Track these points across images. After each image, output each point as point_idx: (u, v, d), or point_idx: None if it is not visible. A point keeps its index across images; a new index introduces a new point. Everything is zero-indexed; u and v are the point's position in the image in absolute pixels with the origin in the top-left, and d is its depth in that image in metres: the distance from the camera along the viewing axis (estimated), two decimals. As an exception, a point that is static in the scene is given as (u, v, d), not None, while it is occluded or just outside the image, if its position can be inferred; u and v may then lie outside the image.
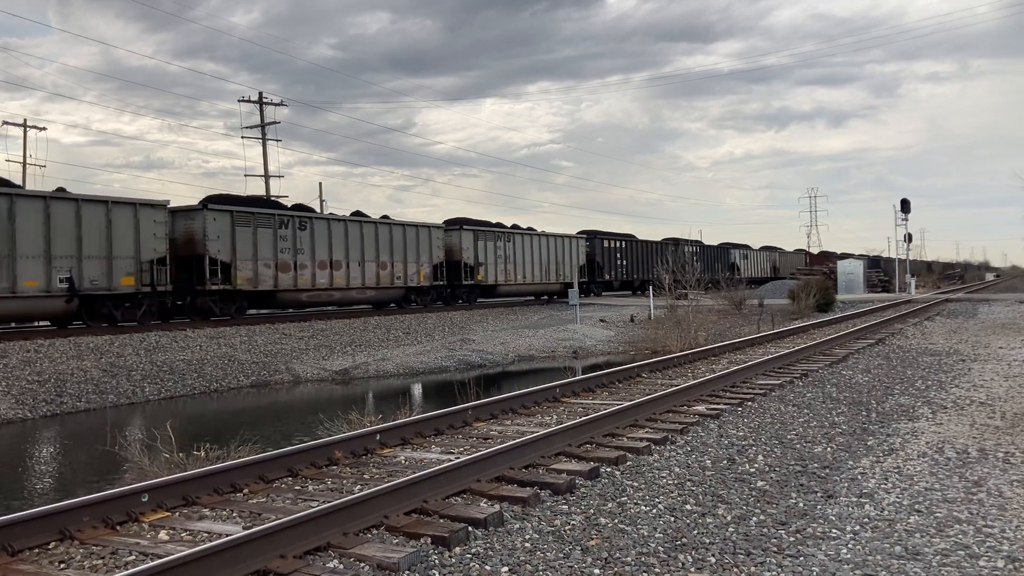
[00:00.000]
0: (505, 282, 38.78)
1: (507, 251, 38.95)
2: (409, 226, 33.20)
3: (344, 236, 29.85)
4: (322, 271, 28.74)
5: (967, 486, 6.50)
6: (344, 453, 7.37)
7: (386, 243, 31.69)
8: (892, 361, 14.75)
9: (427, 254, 33.69)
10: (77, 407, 16.50)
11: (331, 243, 29.18)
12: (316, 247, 28.55)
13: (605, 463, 7.03)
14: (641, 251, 50.80)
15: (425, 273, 33.58)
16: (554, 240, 42.90)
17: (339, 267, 29.46)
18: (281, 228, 27.41)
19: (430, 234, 34.18)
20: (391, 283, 31.86)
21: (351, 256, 29.98)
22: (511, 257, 39.20)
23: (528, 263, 40.50)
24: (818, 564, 4.85)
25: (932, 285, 66.60)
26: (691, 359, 15.01)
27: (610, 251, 47.57)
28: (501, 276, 38.41)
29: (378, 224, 31.79)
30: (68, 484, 10.84)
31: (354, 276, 30.06)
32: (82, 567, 4.81)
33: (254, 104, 47.00)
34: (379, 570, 4.61)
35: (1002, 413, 9.56)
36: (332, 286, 29.23)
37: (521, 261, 39.92)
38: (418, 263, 33.15)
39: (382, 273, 31.41)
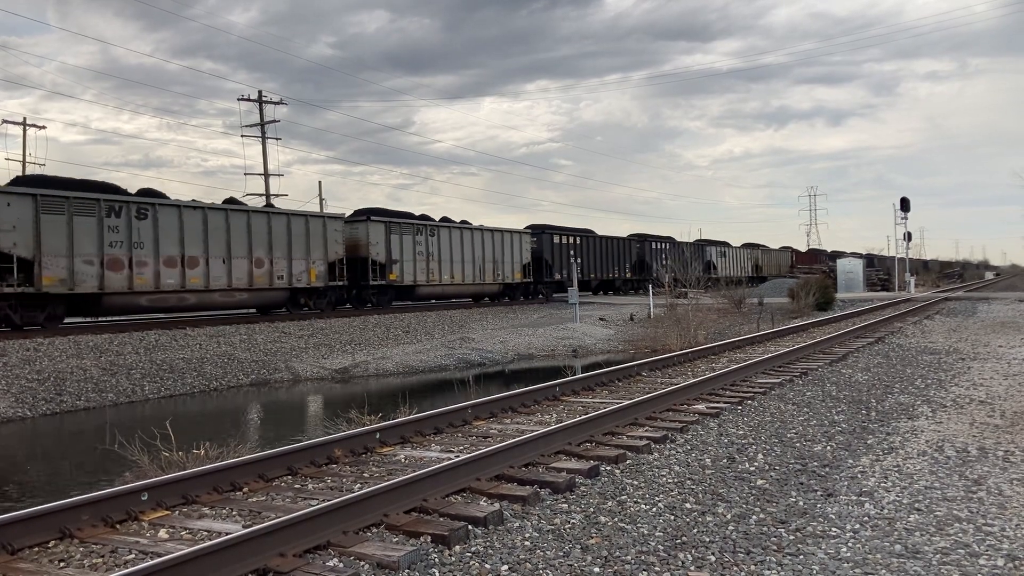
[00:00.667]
0: (427, 282, 33.69)
1: (430, 247, 33.80)
2: (296, 216, 28.53)
3: (202, 227, 24.69)
4: (170, 269, 23.64)
5: (967, 485, 6.50)
6: (344, 452, 7.37)
7: (263, 236, 26.61)
8: (892, 360, 14.76)
9: (321, 250, 28.72)
10: (77, 406, 16.49)
11: (183, 235, 24.01)
12: (161, 240, 23.39)
13: (605, 462, 7.03)
14: (600, 248, 46.82)
15: (318, 272, 28.66)
16: (492, 235, 38.00)
17: (195, 264, 24.35)
18: (110, 217, 22.31)
19: (325, 226, 29.20)
20: (270, 283, 26.84)
21: (213, 252, 24.83)
22: (435, 254, 34.09)
23: (458, 261, 35.39)
24: (818, 563, 4.85)
25: (931, 284, 66.62)
26: (691, 357, 15.01)
27: (562, 248, 42.84)
28: (422, 276, 33.25)
29: (251, 213, 26.81)
30: (67, 483, 10.84)
31: (217, 276, 25.01)
32: (82, 566, 4.81)
33: (253, 103, 46.99)
34: (379, 569, 4.60)
35: (1002, 412, 9.56)
36: (185, 287, 24.14)
37: (449, 259, 34.79)
38: (308, 260, 28.22)
39: (257, 272, 26.30)
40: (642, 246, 51.61)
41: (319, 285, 28.90)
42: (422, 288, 33.77)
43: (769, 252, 72.87)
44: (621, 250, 48.80)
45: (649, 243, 52.55)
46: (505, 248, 38.86)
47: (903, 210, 50.49)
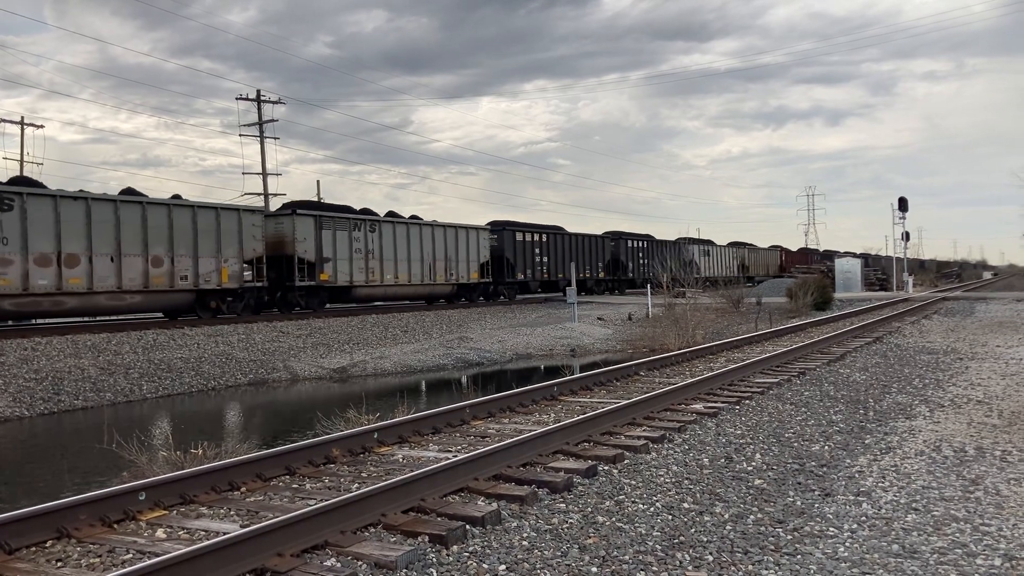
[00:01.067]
0: (366, 283, 30.53)
1: (370, 244, 30.67)
2: (203, 208, 25.23)
3: (85, 221, 21.62)
4: (42, 269, 20.59)
5: (964, 484, 6.51)
6: (342, 451, 7.36)
7: (162, 231, 23.51)
8: (890, 359, 14.77)
9: (235, 247, 25.64)
10: (74, 405, 16.49)
11: (60, 230, 21.01)
12: (31, 235, 20.35)
13: (603, 461, 7.03)
14: (570, 246, 43.79)
15: (232, 272, 25.58)
16: (444, 231, 34.85)
17: (75, 263, 21.32)
18: None
19: (240, 220, 25.96)
20: (171, 285, 23.82)
21: (98, 248, 21.86)
22: (377, 252, 30.93)
23: (404, 260, 32.21)
24: (815, 562, 4.86)
25: (929, 283, 66.68)
26: (689, 357, 15.02)
27: (525, 246, 40.03)
28: (360, 275, 30.13)
29: (147, 205, 23.48)
30: (65, 482, 10.83)
31: (103, 276, 21.98)
32: (79, 565, 4.81)
33: (252, 102, 46.93)
34: (377, 568, 4.60)
35: (999, 411, 9.57)
36: (62, 290, 21.05)
37: (393, 257, 31.65)
38: (219, 258, 25.05)
39: (155, 272, 23.30)
40: (616, 244, 49.14)
41: (232, 286, 25.72)
42: (360, 289, 30.61)
43: (757, 251, 70.07)
44: (593, 248, 46.23)
45: (624, 241, 50.09)
46: (460, 246, 35.63)
47: (901, 210, 50.54)
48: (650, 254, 51.22)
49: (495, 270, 38.25)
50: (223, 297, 25.81)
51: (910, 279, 50.67)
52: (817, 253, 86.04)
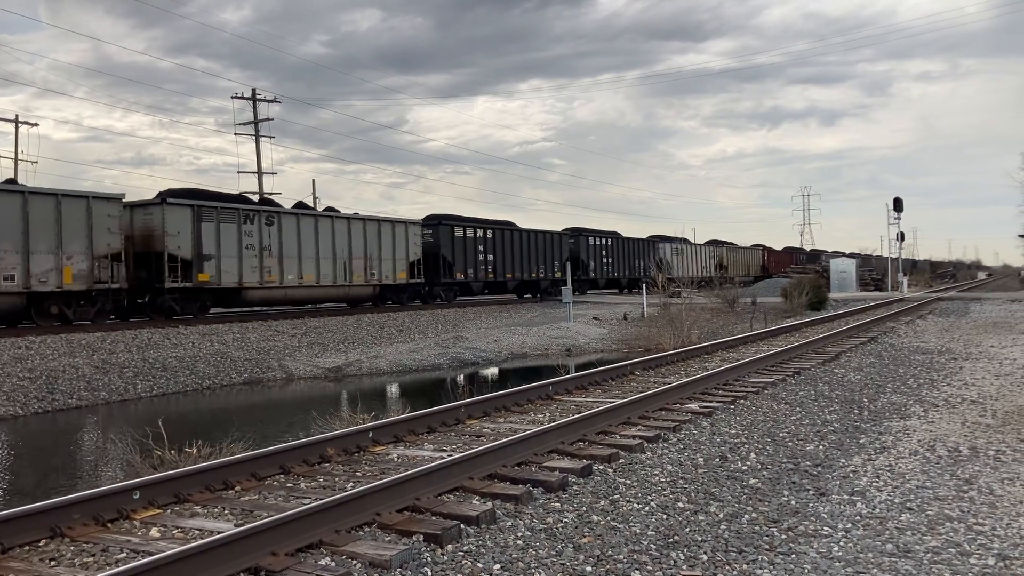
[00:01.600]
0: (261, 284, 26.44)
1: (266, 239, 26.60)
2: (38, 195, 21.16)
3: None
4: None
5: (958, 484, 6.52)
6: (336, 450, 7.35)
7: None
8: (884, 359, 14.79)
9: (82, 242, 21.55)
10: (69, 404, 16.45)
11: None
12: None
13: (598, 461, 7.03)
14: (521, 244, 40.05)
15: (78, 271, 21.54)
16: (364, 225, 30.92)
17: None
18: None
19: (89, 211, 21.76)
20: None
21: None
22: (275, 248, 26.94)
23: (313, 257, 28.37)
24: (810, 562, 4.86)
25: (924, 284, 66.81)
26: (684, 357, 15.03)
27: (466, 242, 36.04)
28: (252, 275, 26.09)
29: None
30: (59, 481, 10.81)
31: None
32: (73, 564, 4.80)
33: (247, 101, 46.88)
34: (371, 568, 4.60)
35: (993, 411, 9.59)
36: None
37: (297, 255, 27.72)
38: (60, 255, 21.06)
39: None
40: (576, 242, 45.32)
41: (79, 288, 21.70)
42: (253, 292, 26.58)
43: (736, 250, 66.39)
44: (548, 246, 42.36)
45: (585, 238, 46.27)
46: (384, 242, 31.56)
47: (896, 210, 50.68)
48: (615, 252, 48.34)
49: (429, 269, 34.32)
50: (68, 301, 21.82)
51: (905, 279, 50.79)
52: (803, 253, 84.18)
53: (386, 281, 31.91)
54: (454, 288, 36.54)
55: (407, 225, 33.53)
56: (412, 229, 33.64)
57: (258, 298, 27.43)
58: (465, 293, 37.98)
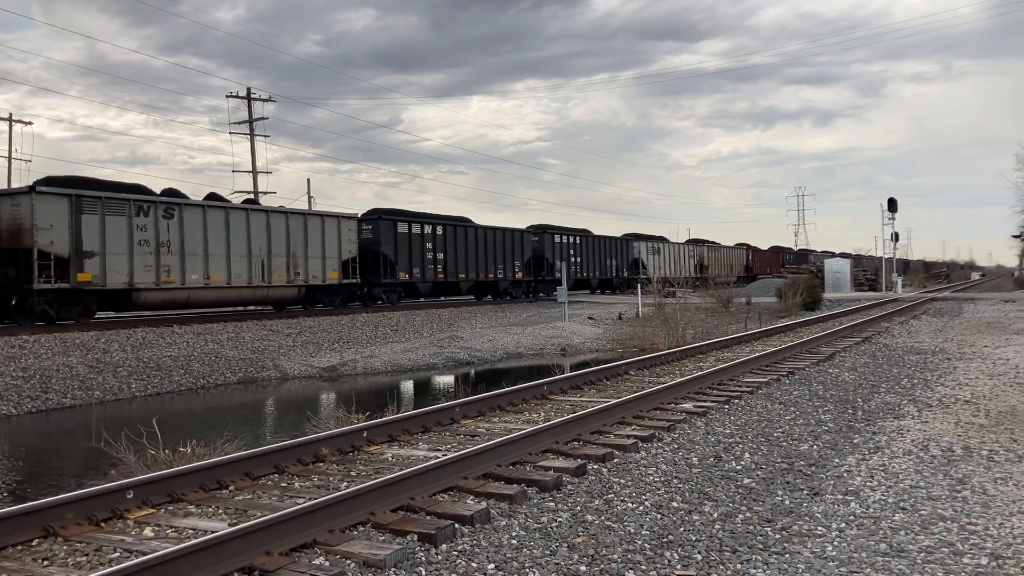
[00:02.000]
0: (158, 284, 23.34)
1: (164, 234, 23.44)
2: None
3: None
4: None
5: (951, 484, 6.54)
6: (331, 450, 7.35)
7: None
8: (878, 359, 14.82)
9: None
10: (63, 403, 16.40)
11: None
12: None
13: (592, 460, 7.04)
14: (476, 242, 36.92)
15: None
16: (286, 219, 27.76)
17: None
18: None
19: None
20: None
21: None
22: (176, 244, 23.82)
23: (222, 255, 25.26)
24: (804, 561, 4.87)
25: (918, 284, 66.96)
26: (679, 357, 15.04)
27: (412, 240, 32.94)
28: (147, 275, 23.03)
29: None
30: (52, 481, 10.78)
31: None
32: (66, 564, 4.78)
33: (241, 100, 46.78)
34: (365, 567, 4.60)
35: (986, 411, 9.62)
36: None
37: (203, 251, 24.63)
38: None
39: None
40: (541, 240, 42.68)
41: None
42: (148, 293, 23.38)
43: (718, 250, 63.68)
44: (508, 244, 39.53)
45: (551, 236, 43.50)
46: (312, 238, 28.57)
47: (890, 210, 50.70)
48: (585, 251, 45.67)
49: (367, 268, 31.07)
50: None
51: (899, 279, 50.88)
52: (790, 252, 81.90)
53: (314, 282, 28.76)
54: (397, 290, 33.10)
55: (340, 219, 30.37)
56: (346, 224, 30.45)
57: (155, 301, 24.05)
58: (411, 295, 34.63)
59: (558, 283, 44.44)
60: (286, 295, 28.49)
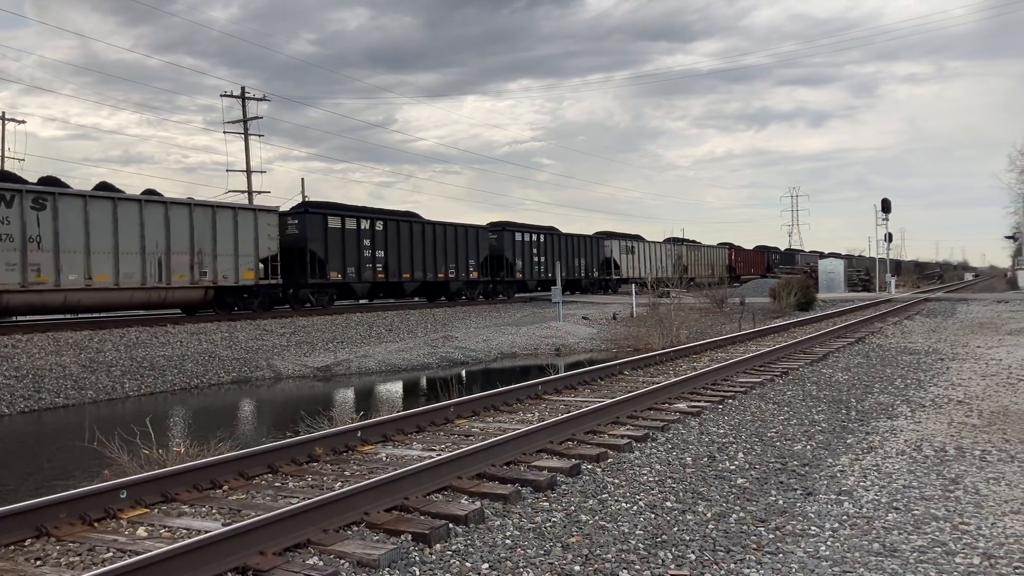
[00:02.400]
0: (23, 286, 20.15)
1: (35, 227, 20.35)
2: None
3: None
4: None
5: (944, 484, 6.56)
6: (325, 450, 7.34)
7: None
8: (872, 360, 14.86)
9: None
10: (55, 403, 16.36)
11: None
12: None
13: (587, 460, 7.04)
14: (427, 239, 33.99)
15: None
16: (190, 211, 24.41)
17: None
18: None
19: None
20: None
21: None
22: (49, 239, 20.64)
23: (109, 252, 22.11)
24: (797, 561, 4.88)
25: (912, 284, 67.13)
26: (673, 357, 15.06)
27: (346, 236, 29.83)
28: (9, 275, 19.86)
29: None
30: (45, 480, 10.75)
31: None
32: (59, 564, 4.77)
33: (236, 99, 46.69)
34: (359, 567, 4.59)
35: (979, 411, 9.65)
36: None
37: (84, 248, 21.49)
38: None
39: None
40: (500, 237, 39.78)
41: None
42: (11, 296, 20.13)
43: (698, 249, 60.92)
44: (463, 242, 36.58)
45: (511, 234, 40.50)
46: (222, 233, 25.33)
47: (884, 211, 50.81)
48: (550, 250, 42.99)
49: (293, 268, 28.24)
50: None
51: (893, 280, 51.02)
52: (777, 252, 78.98)
53: (225, 282, 25.57)
54: (328, 291, 29.93)
55: (256, 213, 27.01)
56: (265, 218, 27.08)
57: (19, 305, 20.82)
58: (346, 297, 31.54)
59: (520, 284, 41.64)
60: (190, 298, 25.29)
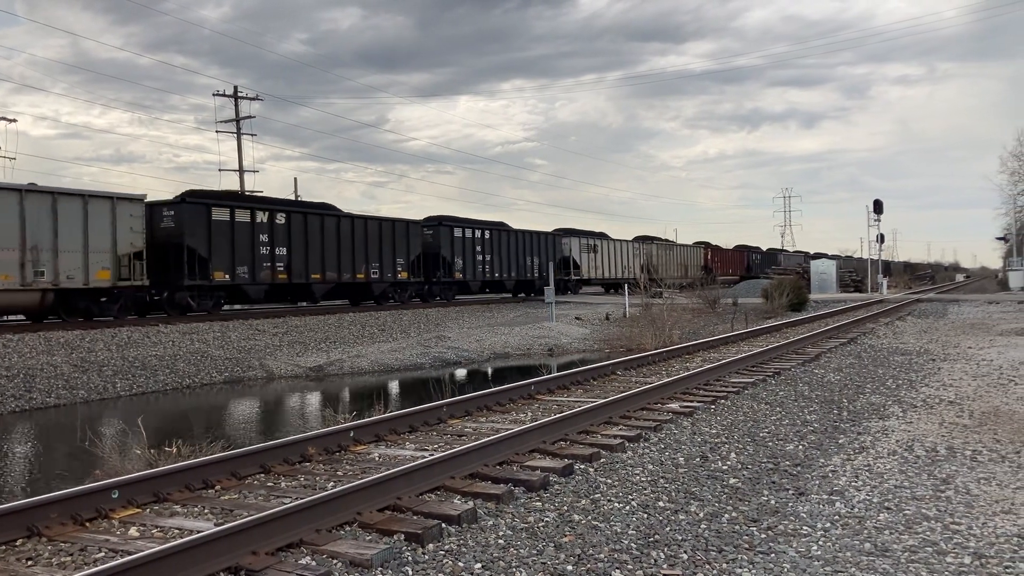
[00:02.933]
0: None
1: None
2: None
3: None
4: None
5: (935, 484, 6.58)
6: (317, 450, 7.33)
7: None
8: (863, 360, 14.90)
9: None
10: (47, 403, 16.30)
11: None
12: None
13: (579, 460, 7.05)
14: (334, 234, 29.64)
15: None
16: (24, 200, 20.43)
17: None
18: None
19: None
20: None
21: None
22: None
23: None
24: (789, 561, 4.89)
25: (904, 285, 67.35)
26: (665, 357, 15.08)
27: (235, 230, 25.88)
28: None
29: None
30: (36, 480, 10.71)
31: None
32: (50, 564, 4.76)
33: (228, 98, 46.57)
34: (352, 567, 4.59)
35: (970, 412, 9.69)
36: None
37: None
38: None
39: None
40: (436, 233, 35.73)
41: None
42: None
43: (670, 248, 56.26)
44: (389, 239, 32.32)
45: (448, 229, 36.36)
46: (68, 226, 21.43)
47: (876, 212, 50.95)
48: (497, 248, 39.20)
49: (167, 267, 24.38)
50: None
51: (884, 281, 51.19)
52: (758, 252, 74.36)
53: (70, 284, 21.53)
54: (214, 294, 26.15)
55: (114, 201, 22.79)
56: (125, 208, 22.99)
57: None
58: (237, 300, 27.89)
59: (461, 286, 37.81)
60: (18, 302, 20.86)
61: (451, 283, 37.25)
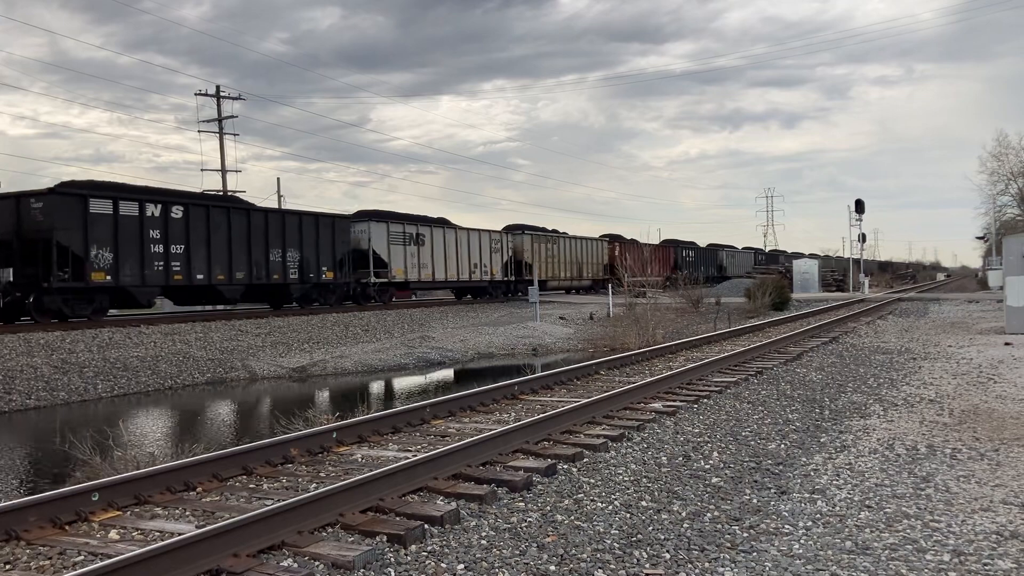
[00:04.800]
0: None
1: None
2: None
3: None
4: None
5: (916, 482, 6.63)
6: (300, 451, 7.30)
7: None
8: (845, 359, 15.00)
9: None
10: (26, 405, 16.15)
11: None
12: None
13: (562, 460, 7.05)
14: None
15: None
16: None
17: None
18: None
19: None
20: None
21: None
22: None
23: None
24: (771, 559, 4.92)
25: (885, 284, 67.84)
26: (649, 356, 15.12)
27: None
28: None
29: None
30: (14, 483, 10.61)
31: None
32: (28, 568, 4.71)
33: (209, 98, 46.31)
34: (334, 568, 4.57)
35: (950, 410, 9.77)
36: None
37: None
38: None
39: None
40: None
41: None
42: None
43: (557, 242, 45.60)
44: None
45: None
46: None
47: (858, 212, 51.31)
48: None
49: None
50: None
51: (866, 280, 51.53)
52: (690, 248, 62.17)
53: None
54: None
55: None
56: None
57: None
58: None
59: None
60: None
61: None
